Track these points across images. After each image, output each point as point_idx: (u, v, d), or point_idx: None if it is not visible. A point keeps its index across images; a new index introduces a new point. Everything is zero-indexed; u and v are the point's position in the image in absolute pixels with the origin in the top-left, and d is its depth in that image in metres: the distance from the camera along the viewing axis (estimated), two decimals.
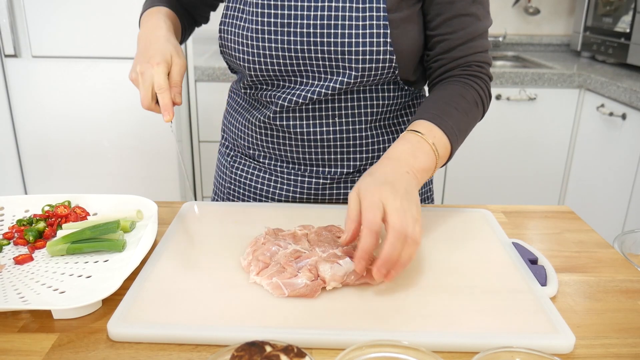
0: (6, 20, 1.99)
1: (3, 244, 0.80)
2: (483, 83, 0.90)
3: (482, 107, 0.90)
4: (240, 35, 0.88)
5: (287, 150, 0.95)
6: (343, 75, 0.86)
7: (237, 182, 1.04)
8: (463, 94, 0.87)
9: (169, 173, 2.24)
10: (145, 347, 0.60)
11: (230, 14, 0.91)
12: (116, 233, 0.79)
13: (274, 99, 0.91)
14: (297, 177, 0.97)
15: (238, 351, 0.50)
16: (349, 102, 0.90)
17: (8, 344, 0.60)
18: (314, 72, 0.88)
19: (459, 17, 0.87)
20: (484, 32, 0.90)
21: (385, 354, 0.53)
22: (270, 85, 0.92)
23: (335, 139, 0.93)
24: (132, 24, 2.02)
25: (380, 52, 0.84)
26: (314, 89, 0.88)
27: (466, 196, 2.34)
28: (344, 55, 0.85)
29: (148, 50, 0.85)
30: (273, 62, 0.87)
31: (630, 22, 2.18)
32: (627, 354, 0.60)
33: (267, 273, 0.68)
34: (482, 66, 0.91)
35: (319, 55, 0.85)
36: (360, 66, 0.85)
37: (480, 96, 0.89)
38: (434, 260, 0.76)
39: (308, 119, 0.91)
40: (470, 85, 0.88)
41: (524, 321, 0.63)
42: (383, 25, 0.83)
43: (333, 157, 0.94)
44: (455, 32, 0.88)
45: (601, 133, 2.09)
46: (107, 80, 2.10)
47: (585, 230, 0.90)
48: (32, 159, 2.20)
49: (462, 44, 0.88)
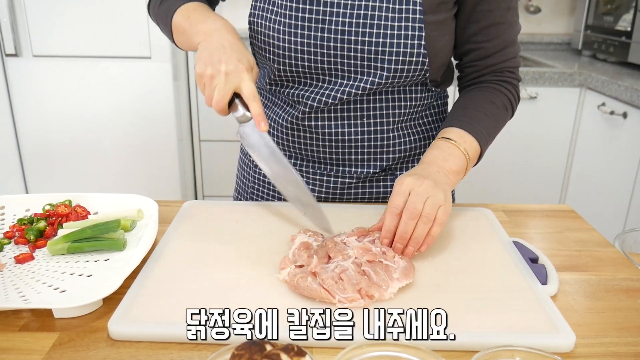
0: (7, 20, 1.99)
1: (4, 243, 0.80)
2: (513, 87, 0.94)
3: (512, 110, 0.94)
4: (272, 28, 0.86)
5: (313, 150, 0.95)
6: (374, 76, 0.86)
7: (260, 182, 1.03)
8: (493, 99, 0.90)
9: (170, 172, 2.24)
10: (146, 346, 0.60)
11: (261, 6, 0.88)
12: (117, 232, 0.79)
13: (302, 99, 0.90)
14: (322, 177, 0.97)
15: (238, 350, 0.50)
16: (377, 102, 0.90)
17: (9, 342, 0.60)
18: (344, 72, 0.87)
19: (495, 26, 0.89)
20: (516, 38, 0.92)
21: (386, 352, 0.53)
22: (298, 82, 0.91)
23: (362, 139, 0.92)
24: (133, 23, 2.02)
25: (414, 54, 0.84)
26: (344, 89, 0.87)
27: (467, 195, 2.34)
28: (377, 55, 0.84)
29: (230, 51, 0.77)
30: (304, 57, 0.86)
31: (631, 20, 2.18)
32: (627, 352, 0.60)
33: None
34: (513, 71, 0.94)
35: (351, 54, 0.85)
36: (393, 67, 0.84)
37: (510, 100, 0.93)
38: (434, 259, 0.76)
39: (336, 119, 0.91)
40: (500, 91, 0.92)
41: (524, 320, 0.63)
42: (418, 27, 0.83)
43: (360, 157, 0.94)
44: (491, 41, 0.90)
45: (602, 132, 2.09)
46: (108, 80, 2.10)
47: (586, 229, 0.90)
48: (33, 158, 2.20)
49: (496, 52, 0.91)
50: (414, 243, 0.74)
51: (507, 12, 0.89)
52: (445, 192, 0.76)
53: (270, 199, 1.02)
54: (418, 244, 0.74)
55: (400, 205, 0.74)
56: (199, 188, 2.45)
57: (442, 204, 0.74)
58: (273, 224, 0.86)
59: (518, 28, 0.93)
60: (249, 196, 1.06)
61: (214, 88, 0.76)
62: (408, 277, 0.69)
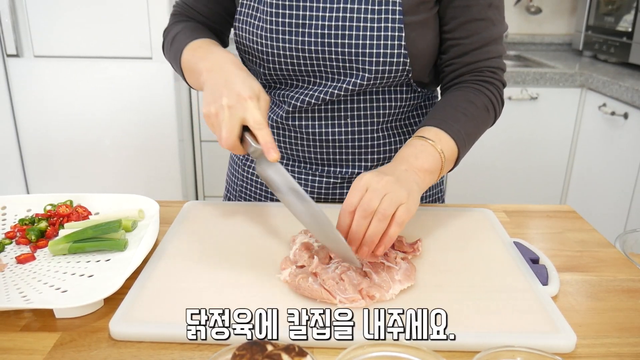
0: (8, 20, 1.99)
1: (5, 244, 0.81)
2: (495, 89, 0.89)
3: (494, 113, 0.90)
4: (255, 34, 0.87)
5: (298, 149, 0.95)
6: (356, 77, 0.86)
7: (249, 181, 1.03)
8: (472, 99, 0.86)
9: (171, 172, 2.24)
10: (147, 346, 0.60)
11: (245, 12, 0.90)
12: (118, 232, 0.79)
13: (287, 99, 0.91)
14: (307, 177, 0.97)
15: (239, 350, 0.50)
16: (362, 103, 0.90)
17: (10, 342, 0.60)
18: (327, 73, 0.87)
19: (474, 22, 0.87)
20: (499, 38, 0.89)
21: (387, 353, 0.53)
22: (284, 84, 0.92)
23: (346, 140, 0.92)
24: (135, 24, 2.03)
25: (394, 55, 0.84)
26: (327, 90, 0.88)
27: (468, 196, 2.34)
28: (357, 57, 0.84)
29: (231, 83, 0.73)
30: (287, 61, 0.87)
31: (632, 21, 2.18)
32: (628, 353, 0.60)
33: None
34: (495, 72, 0.90)
35: (332, 57, 0.85)
36: (374, 68, 0.84)
37: (492, 101, 0.88)
38: (435, 259, 0.76)
39: (320, 119, 0.91)
40: (480, 91, 0.88)
41: (525, 320, 0.63)
42: (398, 28, 0.83)
43: (344, 158, 0.94)
44: (469, 37, 0.87)
45: (603, 132, 2.09)
46: (109, 80, 2.10)
47: (587, 229, 0.90)
48: (34, 159, 2.21)
49: (475, 49, 0.88)
50: (368, 243, 0.68)
51: (487, 9, 0.86)
52: (409, 190, 0.70)
53: (261, 199, 1.02)
54: (372, 243, 0.68)
55: (354, 203, 0.68)
56: (200, 188, 2.45)
57: (403, 201, 0.68)
58: (274, 225, 0.86)
59: (502, 28, 0.89)
60: (239, 194, 1.06)
61: (220, 125, 0.72)
62: (410, 279, 0.69)
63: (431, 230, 0.85)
